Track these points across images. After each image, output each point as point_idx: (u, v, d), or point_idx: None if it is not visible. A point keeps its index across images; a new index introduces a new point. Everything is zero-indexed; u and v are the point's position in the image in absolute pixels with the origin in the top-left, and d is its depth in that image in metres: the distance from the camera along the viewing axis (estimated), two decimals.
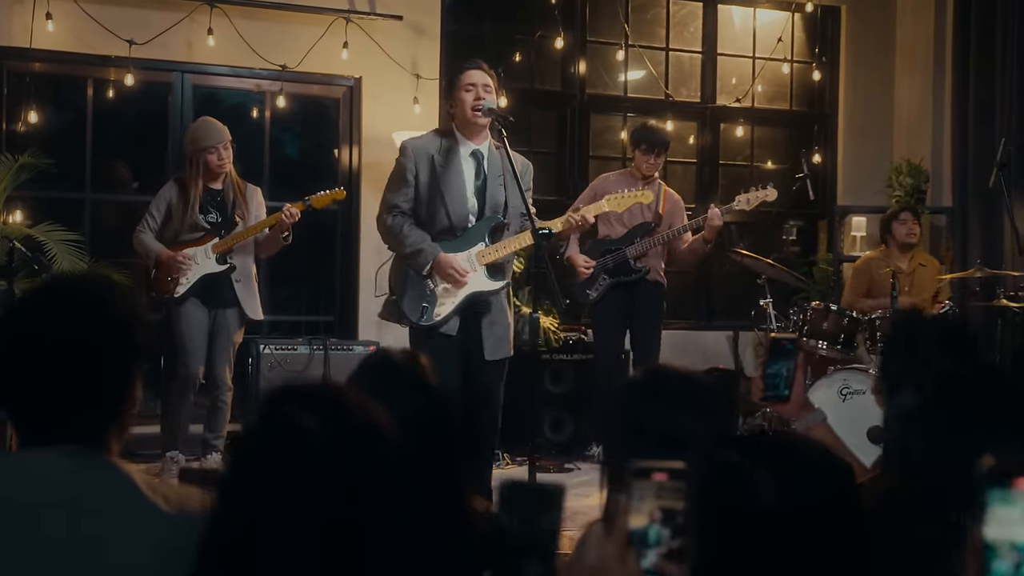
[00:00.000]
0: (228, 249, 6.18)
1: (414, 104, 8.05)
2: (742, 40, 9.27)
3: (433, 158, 4.91)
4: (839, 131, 9.47)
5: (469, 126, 4.92)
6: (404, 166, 4.94)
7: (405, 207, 4.95)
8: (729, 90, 9.25)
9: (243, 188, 6.37)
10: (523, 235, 4.89)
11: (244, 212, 6.32)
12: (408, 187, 4.94)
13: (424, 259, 4.86)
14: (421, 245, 4.87)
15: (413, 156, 4.94)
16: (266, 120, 8.01)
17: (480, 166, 4.96)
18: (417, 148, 4.95)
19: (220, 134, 6.19)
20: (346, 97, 8.14)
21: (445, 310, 4.88)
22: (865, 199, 9.27)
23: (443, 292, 4.89)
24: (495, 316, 4.94)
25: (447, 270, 4.83)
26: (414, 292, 4.92)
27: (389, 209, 4.98)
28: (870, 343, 7.37)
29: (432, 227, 4.92)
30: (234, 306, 6.19)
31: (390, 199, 4.99)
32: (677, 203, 7.50)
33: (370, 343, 7.69)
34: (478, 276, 4.91)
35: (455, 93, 4.91)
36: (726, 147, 9.31)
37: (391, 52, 8.01)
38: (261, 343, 7.42)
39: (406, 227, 4.91)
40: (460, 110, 4.89)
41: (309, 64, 7.83)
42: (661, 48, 9.00)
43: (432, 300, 4.90)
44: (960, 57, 8.79)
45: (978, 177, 8.59)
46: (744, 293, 9.13)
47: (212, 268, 6.17)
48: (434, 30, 8.23)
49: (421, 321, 4.89)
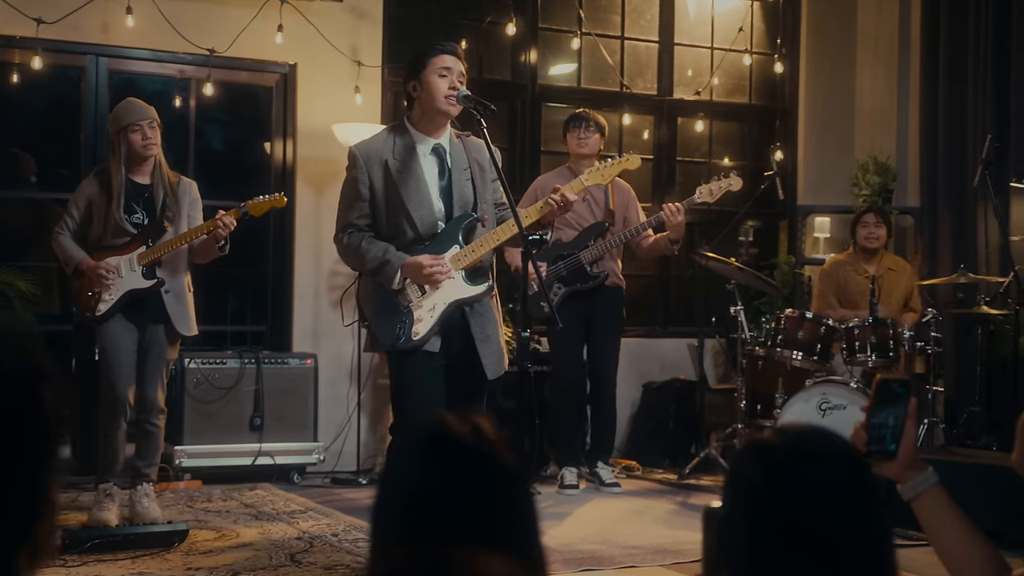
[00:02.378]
0: (156, 261, 5.43)
1: (355, 94, 7.38)
2: (700, 29, 8.74)
3: (387, 163, 4.28)
4: (800, 126, 8.98)
5: (433, 117, 4.28)
6: (355, 178, 4.31)
7: (362, 223, 4.33)
8: (687, 82, 8.70)
9: (175, 183, 5.57)
10: (502, 228, 4.27)
11: (175, 213, 5.54)
12: (362, 201, 4.31)
13: (391, 270, 4.21)
14: (384, 256, 4.22)
15: (364, 164, 4.31)
16: (191, 110, 7.28)
17: (443, 162, 4.34)
18: (368, 154, 4.31)
19: (145, 111, 5.44)
20: (279, 85, 7.44)
21: (424, 327, 4.25)
22: (827, 198, 8.80)
23: (419, 307, 4.26)
24: (487, 328, 4.33)
25: (421, 272, 4.20)
26: (387, 314, 4.29)
27: (344, 228, 4.37)
28: (847, 353, 6.88)
29: (397, 240, 4.30)
30: (165, 321, 5.45)
31: (344, 217, 4.37)
32: (628, 193, 6.95)
33: (306, 355, 7.05)
34: (456, 282, 4.28)
35: (423, 76, 4.27)
36: (684, 142, 8.77)
37: (329, 37, 7.34)
38: (186, 357, 6.73)
39: (364, 242, 4.28)
40: (428, 96, 4.25)
41: (239, 49, 7.13)
42: (616, 37, 8.43)
43: (408, 319, 4.26)
44: (928, 50, 8.34)
45: (949, 176, 8.16)
46: (705, 298, 8.60)
47: (138, 283, 5.40)
48: (375, 13, 7.57)
49: (398, 344, 4.26)
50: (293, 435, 6.92)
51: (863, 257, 7.46)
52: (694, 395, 7.93)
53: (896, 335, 6.84)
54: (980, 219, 7.86)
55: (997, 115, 7.73)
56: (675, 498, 6.64)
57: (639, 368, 8.17)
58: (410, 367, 4.26)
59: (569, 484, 6.71)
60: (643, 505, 6.38)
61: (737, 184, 6.44)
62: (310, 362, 7.01)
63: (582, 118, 6.81)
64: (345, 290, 6.99)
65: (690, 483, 7.07)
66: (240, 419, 6.80)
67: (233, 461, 6.74)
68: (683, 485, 7.03)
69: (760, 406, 7.26)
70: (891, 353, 6.84)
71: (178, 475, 6.62)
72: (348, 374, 7.42)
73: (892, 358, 6.86)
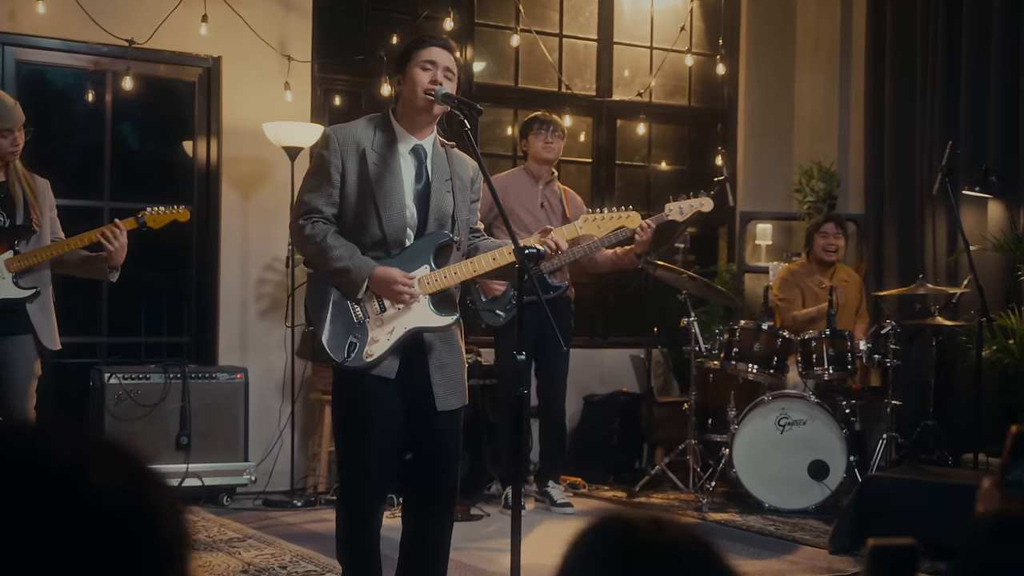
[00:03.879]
0: (27, 268, 4.85)
1: (285, 90, 6.92)
2: (639, 28, 8.45)
3: (365, 152, 3.84)
4: (739, 130, 8.75)
5: (414, 114, 3.87)
6: (327, 160, 3.83)
7: (328, 212, 3.84)
8: (625, 83, 8.41)
9: (31, 181, 4.97)
10: (480, 260, 3.87)
11: (38, 214, 4.97)
12: (332, 186, 3.83)
13: (357, 276, 3.76)
14: (351, 260, 3.78)
15: (339, 147, 3.83)
16: (107, 105, 6.75)
17: (422, 167, 3.91)
18: (344, 138, 3.85)
19: (19, 114, 4.87)
20: (203, 80, 6.95)
21: (378, 349, 3.80)
22: (765, 204, 8.58)
23: (376, 325, 3.82)
24: (444, 357, 3.90)
25: (390, 286, 3.77)
26: (338, 323, 3.83)
27: (307, 213, 3.85)
28: (803, 365, 6.65)
29: (360, 239, 3.84)
30: (28, 332, 4.86)
31: (309, 200, 3.85)
32: (580, 205, 6.65)
33: (236, 369, 6.58)
34: (421, 308, 3.85)
35: (407, 68, 3.86)
36: (622, 145, 8.47)
37: (257, 29, 6.87)
38: (105, 371, 6.23)
39: (330, 237, 3.80)
40: (408, 91, 3.84)
41: (160, 40, 6.63)
42: (554, 34, 8.09)
43: (362, 334, 3.82)
44: (874, 54, 8.16)
45: (895, 183, 7.99)
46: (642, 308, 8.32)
47: (9, 292, 4.79)
48: (305, 5, 7.12)
49: (347, 362, 3.79)
50: (222, 455, 6.44)
51: (818, 268, 7.23)
52: (639, 408, 7.63)
53: (853, 347, 6.63)
54: (928, 227, 7.69)
55: (946, 121, 7.57)
56: None
57: (579, 380, 7.81)
58: (360, 395, 3.79)
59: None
60: None
61: (708, 205, 6.17)
62: (240, 376, 6.54)
63: (549, 122, 6.52)
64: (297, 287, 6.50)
65: (641, 501, 6.76)
66: (165, 438, 6.30)
67: None
68: (634, 504, 6.71)
69: (711, 420, 6.99)
70: (848, 366, 6.62)
71: None
72: (278, 388, 6.96)
73: (849, 371, 6.65)
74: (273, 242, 6.96)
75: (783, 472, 6.43)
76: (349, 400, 3.84)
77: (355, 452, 3.83)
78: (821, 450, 6.41)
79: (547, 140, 6.46)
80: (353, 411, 3.83)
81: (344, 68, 7.33)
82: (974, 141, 7.25)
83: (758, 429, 6.48)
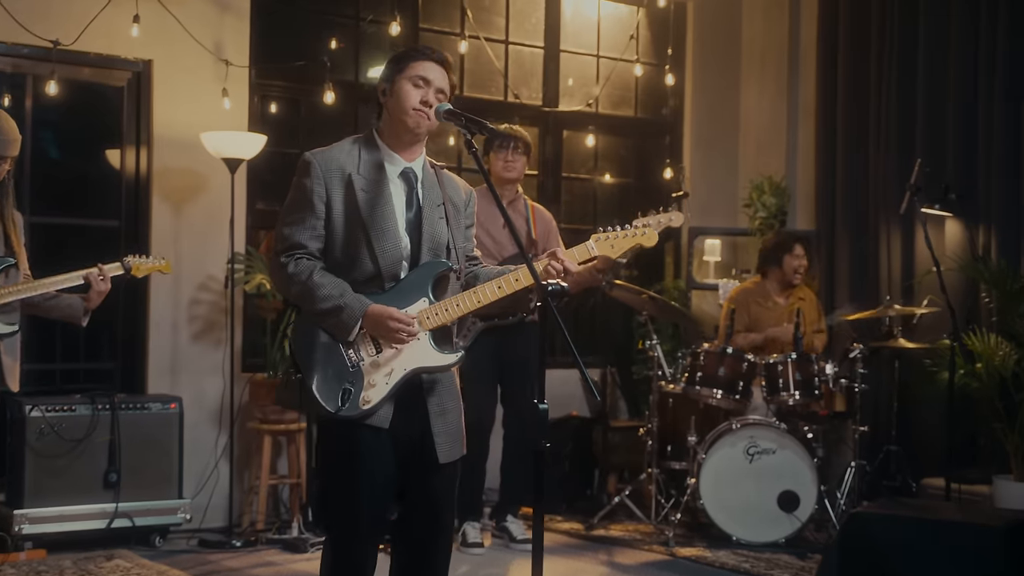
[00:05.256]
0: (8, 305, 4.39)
1: (223, 97, 6.45)
2: (586, 36, 8.13)
3: (351, 178, 3.43)
4: (685, 143, 8.48)
5: (401, 132, 3.47)
6: (309, 189, 3.41)
7: (313, 247, 3.42)
8: (571, 92, 8.08)
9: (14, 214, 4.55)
10: (484, 289, 3.48)
11: (17, 248, 4.52)
12: (316, 218, 3.41)
13: (348, 317, 3.35)
14: (342, 299, 3.36)
15: (323, 175, 3.42)
16: (27, 111, 6.19)
17: (413, 192, 3.51)
18: (327, 163, 3.44)
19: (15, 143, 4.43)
20: (132, 84, 6.44)
21: (376, 394, 3.39)
22: (712, 219, 8.32)
23: (372, 369, 3.41)
24: (445, 401, 3.51)
25: (387, 324, 3.36)
26: (329, 368, 3.41)
27: (289, 249, 3.42)
28: (768, 391, 6.39)
29: (350, 274, 3.42)
30: None
31: (290, 235, 3.42)
32: (549, 222, 6.29)
33: (169, 399, 6.09)
34: (422, 346, 3.45)
35: (395, 79, 3.46)
36: (569, 157, 8.14)
37: (192, 30, 6.39)
38: (26, 403, 5.70)
39: (316, 274, 3.38)
40: (395, 105, 3.44)
41: (88, 41, 6.12)
42: (500, 41, 7.73)
43: (357, 380, 3.40)
44: (826, 65, 7.94)
45: (848, 199, 7.78)
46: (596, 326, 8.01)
47: None
48: (242, 6, 6.65)
49: (341, 411, 3.37)
50: (155, 492, 5.95)
51: (778, 289, 6.98)
52: (591, 433, 7.30)
53: (820, 371, 6.39)
54: (883, 245, 7.50)
55: (902, 136, 7.38)
56: (597, 556, 5.97)
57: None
58: (353, 449, 3.37)
59: (473, 542, 5.97)
60: (569, 569, 5.69)
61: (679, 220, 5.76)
62: (174, 406, 6.05)
63: (510, 138, 6.01)
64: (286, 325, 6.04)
65: (601, 535, 6.43)
66: (93, 475, 5.79)
67: (84, 525, 5.74)
68: (595, 538, 6.37)
69: (671, 448, 6.69)
70: (816, 391, 6.38)
71: (17, 545, 5.58)
72: (212, 417, 6.49)
73: (816, 396, 6.40)
74: (207, 260, 6.49)
75: (752, 503, 6.16)
76: (340, 455, 3.42)
77: (346, 512, 3.41)
78: (791, 480, 6.15)
79: (507, 159, 6.03)
80: (345, 468, 3.40)
81: (282, 74, 6.87)
82: (932, 158, 7.05)
83: (726, 458, 6.19)
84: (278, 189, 7.02)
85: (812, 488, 6.13)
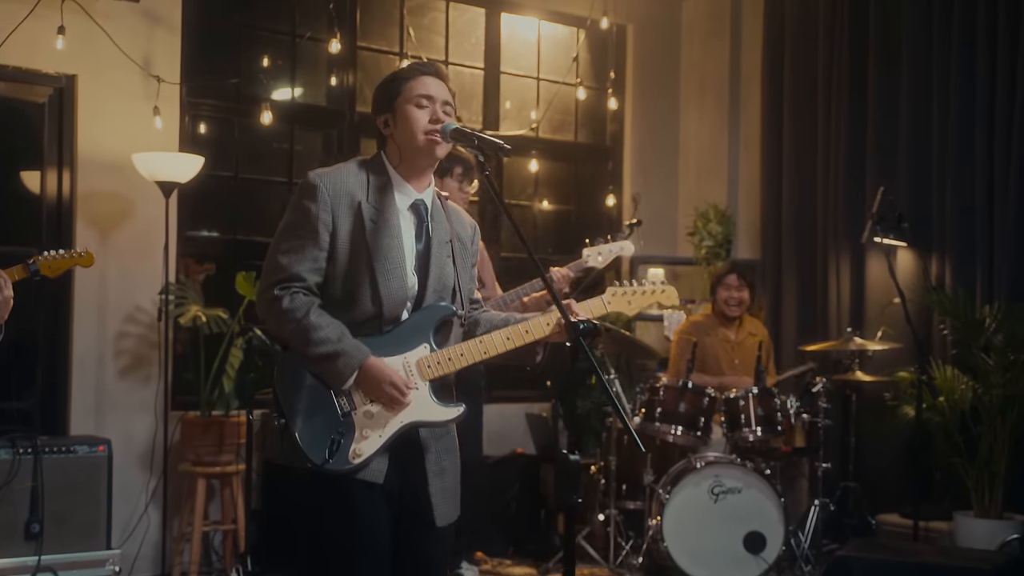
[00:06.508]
0: None
1: (154, 116, 6.02)
2: (526, 58, 7.86)
3: (360, 206, 3.06)
4: (625, 169, 8.25)
5: (413, 159, 3.12)
6: (314, 215, 3.03)
7: (312, 280, 3.04)
8: (514, 115, 7.79)
9: None
10: (494, 339, 3.15)
11: None
12: (319, 249, 3.04)
13: (345, 366, 2.99)
14: (339, 344, 3.00)
15: (330, 200, 3.04)
16: None
17: (422, 225, 3.17)
18: (336, 188, 3.06)
19: None
20: (54, 101, 5.97)
21: (368, 447, 3.04)
22: (653, 246, 8.08)
23: (365, 419, 3.06)
24: (444, 460, 3.16)
25: (382, 387, 3.02)
26: (317, 415, 3.04)
27: (285, 281, 3.03)
28: (728, 427, 6.15)
29: (347, 314, 3.06)
30: None
31: (288, 265, 3.04)
32: (482, 253, 5.95)
33: (97, 441, 5.62)
34: (421, 398, 3.11)
35: (396, 105, 3.12)
36: (509, 182, 7.85)
37: (121, 43, 5.96)
38: None
39: (313, 313, 3.00)
40: (404, 133, 3.10)
41: (6, 54, 5.66)
42: (441, 61, 7.41)
43: (347, 430, 3.04)
44: (771, 94, 7.78)
45: (795, 229, 7.62)
46: None
47: None
48: (173, 19, 6.24)
49: (328, 464, 3.01)
50: (81, 543, 5.44)
51: (722, 322, 6.75)
52: (539, 472, 6.98)
53: (782, 404, 6.17)
54: (832, 275, 7.35)
55: (851, 163, 7.24)
56: None
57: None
58: (347, 507, 3.01)
59: None
60: None
61: (629, 250, 5.51)
62: (103, 449, 5.56)
63: (472, 168, 5.46)
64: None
65: None
66: (12, 526, 5.27)
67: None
68: None
69: (626, 487, 6.41)
70: (778, 427, 6.15)
71: None
72: (140, 459, 6.03)
73: (778, 432, 6.18)
74: (136, 290, 6.04)
75: (717, 545, 5.89)
76: (332, 514, 3.05)
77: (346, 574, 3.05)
78: (757, 520, 5.90)
79: (466, 190, 5.64)
80: (338, 527, 3.04)
81: (216, 92, 6.46)
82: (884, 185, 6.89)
83: (690, 498, 5.92)
84: (210, 215, 6.61)
85: (779, 528, 5.89)
